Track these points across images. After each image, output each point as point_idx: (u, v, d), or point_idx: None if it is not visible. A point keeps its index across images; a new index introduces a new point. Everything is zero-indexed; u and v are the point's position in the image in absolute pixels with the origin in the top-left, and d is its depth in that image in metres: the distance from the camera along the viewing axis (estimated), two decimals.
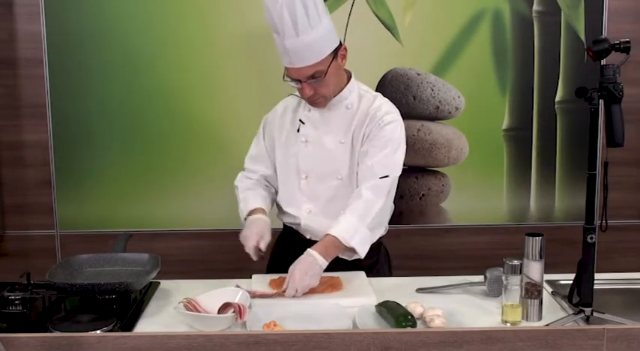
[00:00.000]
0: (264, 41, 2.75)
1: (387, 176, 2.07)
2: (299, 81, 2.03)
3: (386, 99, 2.18)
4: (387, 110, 2.12)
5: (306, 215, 2.18)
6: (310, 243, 2.11)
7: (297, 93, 2.17)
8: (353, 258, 2.07)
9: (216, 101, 2.88)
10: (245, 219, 2.16)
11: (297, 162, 2.16)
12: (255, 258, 2.04)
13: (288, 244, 2.21)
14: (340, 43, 2.07)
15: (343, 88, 2.12)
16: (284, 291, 1.91)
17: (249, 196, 2.21)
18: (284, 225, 2.31)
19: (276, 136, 2.22)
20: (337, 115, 2.13)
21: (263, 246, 2.05)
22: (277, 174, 2.24)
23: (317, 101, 2.09)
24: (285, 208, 2.23)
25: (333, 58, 2.03)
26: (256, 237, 2.05)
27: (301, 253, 2.06)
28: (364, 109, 2.12)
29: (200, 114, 2.89)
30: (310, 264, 1.94)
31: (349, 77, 2.16)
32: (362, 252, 2.03)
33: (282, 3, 1.92)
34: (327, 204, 2.15)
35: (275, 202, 2.29)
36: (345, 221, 2.01)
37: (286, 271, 1.97)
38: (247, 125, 2.37)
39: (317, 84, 2.03)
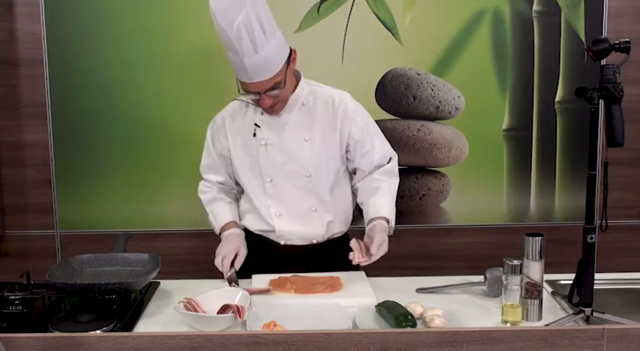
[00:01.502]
0: None
1: (390, 159, 2.21)
2: (258, 93, 2.02)
3: (335, 89, 2.19)
4: (354, 107, 2.15)
5: (277, 221, 2.17)
6: (285, 248, 2.17)
7: (242, 98, 2.15)
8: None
9: (216, 102, 2.87)
10: (220, 234, 2.21)
11: (259, 166, 2.15)
12: (226, 275, 2.05)
13: (255, 251, 2.20)
14: (290, 48, 2.06)
15: (295, 88, 2.12)
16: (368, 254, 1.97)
17: (216, 210, 2.24)
18: (247, 232, 2.25)
19: (230, 142, 2.18)
20: (294, 114, 2.13)
21: (238, 265, 2.09)
22: (240, 180, 2.22)
23: (275, 108, 2.09)
24: (255, 215, 2.21)
25: (287, 66, 2.03)
26: (232, 253, 2.09)
27: (272, 261, 2.14)
28: (324, 104, 2.14)
29: (200, 114, 2.89)
30: (386, 236, 2.04)
31: (297, 77, 2.15)
32: (392, 231, 2.14)
33: (238, 25, 1.89)
34: (296, 203, 2.16)
35: (240, 211, 2.29)
36: (386, 204, 2.13)
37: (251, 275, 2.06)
38: None
39: (275, 94, 2.03)
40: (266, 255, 2.18)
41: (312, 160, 2.13)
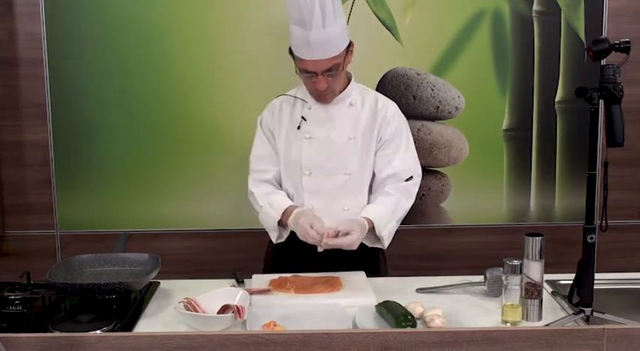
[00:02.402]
0: (262, 41, 2.76)
1: (411, 177, 2.17)
2: (315, 74, 2.04)
3: (385, 97, 2.25)
4: (393, 112, 2.19)
5: None
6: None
7: (290, 93, 2.22)
8: (374, 245, 2.15)
9: (216, 101, 2.88)
10: (280, 221, 2.13)
11: (299, 159, 2.17)
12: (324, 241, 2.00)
13: (286, 245, 2.21)
14: (350, 40, 2.12)
15: (346, 87, 2.17)
16: (335, 234, 1.97)
17: (274, 200, 2.17)
18: None
19: (275, 132, 2.23)
20: (341, 112, 2.17)
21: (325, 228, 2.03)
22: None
23: (327, 96, 2.13)
24: None
25: (346, 54, 2.08)
26: (311, 220, 2.03)
27: (302, 255, 2.09)
28: (369, 106, 2.18)
29: (200, 114, 2.89)
30: (362, 232, 2.01)
31: (349, 77, 2.21)
32: (387, 244, 2.13)
33: None
34: (331, 200, 2.16)
35: None
36: (380, 211, 2.09)
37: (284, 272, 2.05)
38: (249, 125, 2.37)
39: (331, 78, 2.06)
40: (300, 249, 2.16)
41: (354, 159, 2.15)
